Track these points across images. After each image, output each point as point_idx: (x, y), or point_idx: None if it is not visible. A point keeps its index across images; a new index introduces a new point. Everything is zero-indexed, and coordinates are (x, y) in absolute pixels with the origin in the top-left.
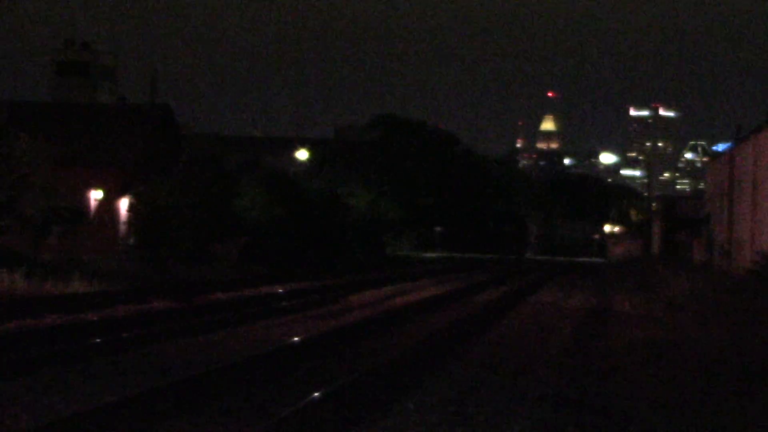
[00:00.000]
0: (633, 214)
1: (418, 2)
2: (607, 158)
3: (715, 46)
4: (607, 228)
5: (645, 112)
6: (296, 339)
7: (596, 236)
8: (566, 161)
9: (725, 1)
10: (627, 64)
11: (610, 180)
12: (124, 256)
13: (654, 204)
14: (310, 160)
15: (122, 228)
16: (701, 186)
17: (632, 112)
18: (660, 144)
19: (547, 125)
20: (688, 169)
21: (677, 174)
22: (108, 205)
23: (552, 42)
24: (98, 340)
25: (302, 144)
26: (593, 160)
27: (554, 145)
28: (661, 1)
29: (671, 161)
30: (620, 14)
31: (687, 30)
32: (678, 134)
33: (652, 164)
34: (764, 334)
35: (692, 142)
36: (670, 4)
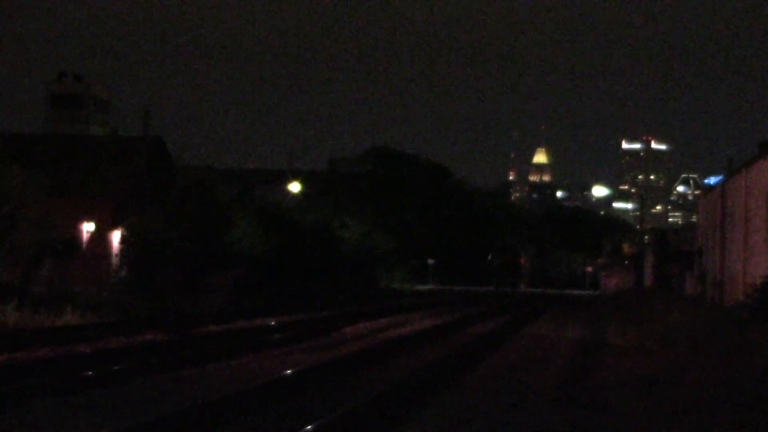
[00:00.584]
0: (625, 247)
1: (410, 35)
2: (599, 191)
3: (706, 79)
4: (600, 260)
5: (637, 145)
6: (289, 371)
7: (589, 269)
8: (558, 194)
9: (716, 36)
10: (619, 97)
11: (602, 213)
12: (116, 288)
13: (646, 237)
14: (303, 192)
15: (115, 260)
16: (693, 219)
17: (624, 145)
18: (652, 177)
19: (540, 158)
20: (680, 201)
21: (669, 207)
22: (100, 237)
23: (544, 75)
24: (90, 373)
25: (295, 176)
26: (586, 192)
27: (546, 178)
28: (651, 35)
29: (663, 194)
30: (612, 48)
31: (679, 64)
32: (670, 167)
33: (644, 197)
34: (757, 368)
35: (684, 175)
36: (660, 39)
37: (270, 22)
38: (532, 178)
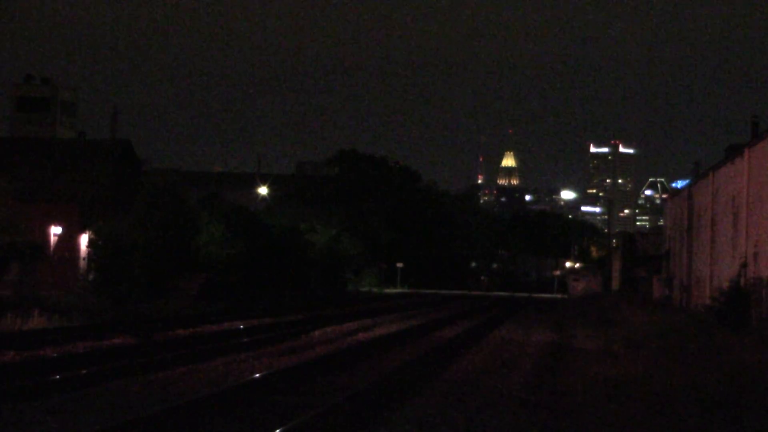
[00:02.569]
0: (593, 251)
1: (379, 39)
2: (567, 195)
3: (673, 83)
4: (568, 264)
5: (605, 149)
6: (258, 375)
7: (557, 272)
8: (527, 197)
9: (683, 40)
10: (587, 101)
11: (570, 216)
12: (84, 292)
13: (614, 240)
14: (271, 195)
15: (82, 264)
16: (661, 222)
17: (592, 149)
18: (620, 180)
19: (508, 161)
20: (648, 205)
21: (637, 210)
22: (68, 241)
23: (512, 79)
24: (57, 377)
25: (263, 179)
26: (554, 196)
27: (515, 182)
28: (619, 39)
29: (631, 198)
30: (579, 52)
31: (646, 68)
32: (637, 171)
33: (611, 201)
34: (721, 371)
35: (651, 179)
36: (628, 43)
37: (238, 25)
38: (501, 181)
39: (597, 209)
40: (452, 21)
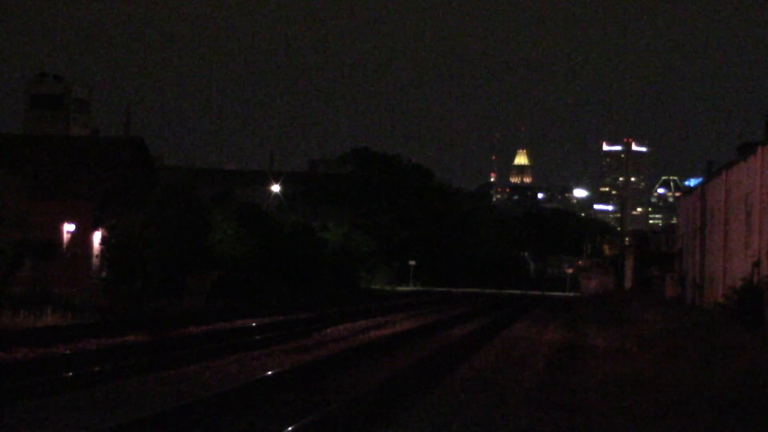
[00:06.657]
0: (606, 249)
1: (392, 37)
2: (579, 193)
3: (686, 81)
4: (581, 262)
5: (617, 147)
6: (269, 373)
7: (570, 270)
8: (539, 195)
9: (695, 38)
10: (599, 100)
11: (583, 214)
12: (96, 289)
13: (627, 239)
14: (283, 193)
15: (95, 261)
16: (673, 221)
17: (605, 147)
18: (632, 179)
19: (521, 159)
20: (661, 204)
21: (650, 209)
22: (81, 238)
23: (525, 77)
24: (70, 374)
25: (276, 177)
26: (566, 194)
27: (527, 180)
28: (631, 38)
29: (643, 196)
30: (592, 51)
31: (658, 65)
32: (650, 169)
33: (624, 199)
34: (735, 370)
35: (664, 177)
36: (640, 41)
37: (252, 22)
38: (513, 179)
39: (610, 207)
40: (466, 19)
